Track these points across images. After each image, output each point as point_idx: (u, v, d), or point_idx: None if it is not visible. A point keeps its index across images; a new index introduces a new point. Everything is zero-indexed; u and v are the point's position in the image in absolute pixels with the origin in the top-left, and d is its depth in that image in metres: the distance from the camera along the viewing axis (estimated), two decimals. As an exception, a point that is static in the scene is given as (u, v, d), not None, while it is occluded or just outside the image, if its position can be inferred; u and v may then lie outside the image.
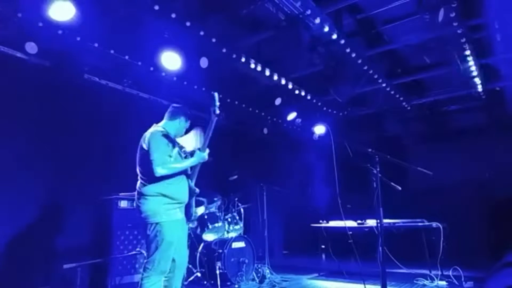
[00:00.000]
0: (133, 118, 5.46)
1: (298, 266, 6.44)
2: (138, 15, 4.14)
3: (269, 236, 5.76)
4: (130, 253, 4.13)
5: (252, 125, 7.44)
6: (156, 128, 3.15)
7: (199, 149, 3.13)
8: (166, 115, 3.32)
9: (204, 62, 4.93)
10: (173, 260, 2.99)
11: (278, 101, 6.33)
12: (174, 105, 3.39)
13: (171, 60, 4.74)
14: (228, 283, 4.78)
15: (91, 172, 4.81)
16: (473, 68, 5.38)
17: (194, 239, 5.26)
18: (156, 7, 3.93)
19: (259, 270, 5.20)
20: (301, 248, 7.92)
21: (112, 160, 5.08)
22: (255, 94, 6.59)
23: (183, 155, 3.22)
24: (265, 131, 7.46)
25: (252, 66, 5.36)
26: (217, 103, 3.16)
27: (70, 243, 4.35)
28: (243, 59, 5.16)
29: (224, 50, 4.86)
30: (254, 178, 5.93)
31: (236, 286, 4.78)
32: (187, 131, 3.44)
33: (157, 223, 2.89)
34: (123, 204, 4.22)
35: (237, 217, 5.40)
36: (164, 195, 2.95)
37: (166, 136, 3.08)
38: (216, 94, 3.17)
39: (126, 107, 5.55)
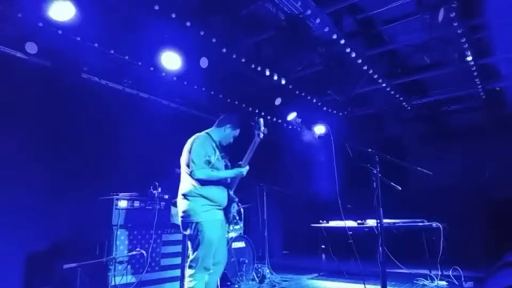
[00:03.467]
0: (133, 118, 5.47)
1: (298, 266, 6.44)
2: (138, 15, 4.14)
3: (269, 236, 5.76)
4: (130, 253, 4.13)
5: (251, 125, 7.44)
6: (202, 133, 3.35)
7: (239, 164, 3.29)
8: (216, 123, 3.49)
9: (204, 62, 4.93)
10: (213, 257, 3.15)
11: (278, 101, 6.33)
12: (226, 115, 3.56)
13: (171, 60, 4.74)
14: (228, 283, 4.78)
15: (91, 172, 4.81)
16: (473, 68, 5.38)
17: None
18: (156, 7, 3.93)
19: (259, 270, 5.20)
20: (301, 248, 7.92)
21: (112, 160, 5.08)
22: (255, 94, 6.59)
23: (223, 163, 3.36)
24: (265, 131, 7.45)
25: (252, 66, 5.35)
26: (262, 128, 3.36)
27: (70, 243, 4.35)
28: (243, 59, 5.16)
29: (224, 50, 4.85)
30: (254, 178, 5.93)
31: (236, 286, 4.78)
32: (236, 139, 3.54)
33: (197, 222, 3.04)
34: (123, 204, 4.22)
35: (237, 217, 5.39)
36: (204, 197, 3.09)
37: (209, 141, 3.27)
38: (261, 120, 3.38)
39: (126, 107, 5.54)
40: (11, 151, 4.28)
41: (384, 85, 6.10)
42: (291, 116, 6.88)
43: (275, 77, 5.78)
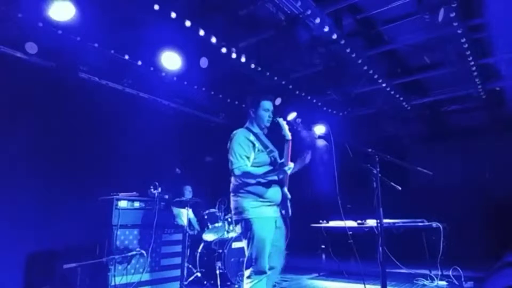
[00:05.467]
0: (133, 118, 5.48)
1: (298, 266, 6.43)
2: (138, 15, 4.14)
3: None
4: (130, 253, 4.13)
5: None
6: (240, 128, 3.13)
7: (282, 163, 2.98)
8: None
9: (204, 62, 4.93)
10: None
11: (278, 101, 6.34)
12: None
13: (171, 60, 4.75)
14: (228, 283, 4.78)
15: (91, 172, 4.81)
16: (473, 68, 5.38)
17: (194, 239, 5.27)
18: (156, 7, 3.93)
19: (259, 270, 5.18)
20: (301, 248, 7.90)
21: (112, 160, 5.08)
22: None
23: (268, 157, 3.06)
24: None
25: (252, 66, 5.35)
26: (285, 127, 3.07)
27: (70, 243, 4.35)
28: (243, 59, 5.16)
29: (224, 50, 4.86)
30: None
31: (236, 286, 4.78)
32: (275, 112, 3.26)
33: (246, 220, 2.87)
34: (123, 204, 4.22)
35: (237, 217, 5.38)
36: (253, 193, 2.90)
37: (245, 135, 3.02)
38: (281, 120, 3.11)
39: (126, 107, 5.55)
40: (11, 151, 4.28)
41: (384, 85, 6.10)
42: (291, 116, 6.88)
43: (275, 77, 5.78)
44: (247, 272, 2.88)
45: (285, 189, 3.07)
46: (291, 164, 2.91)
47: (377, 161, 3.42)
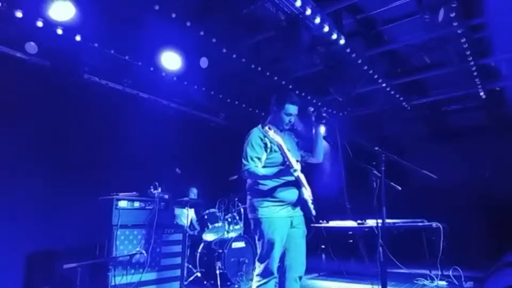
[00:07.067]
0: (133, 118, 5.48)
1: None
2: (138, 15, 4.14)
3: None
4: (130, 253, 4.13)
5: (252, 125, 7.44)
6: (256, 127, 3.04)
7: (287, 164, 2.76)
8: None
9: (204, 62, 4.94)
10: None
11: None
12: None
13: (171, 60, 4.75)
14: (228, 283, 4.78)
15: (91, 172, 4.81)
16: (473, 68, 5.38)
17: (194, 239, 5.27)
18: (156, 7, 3.94)
19: (259, 270, 5.19)
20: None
21: (112, 160, 5.08)
22: (255, 94, 6.59)
23: (280, 156, 2.86)
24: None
25: (252, 66, 5.35)
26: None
27: (70, 243, 4.36)
28: (243, 59, 5.16)
29: (224, 50, 4.86)
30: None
31: (236, 286, 4.78)
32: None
33: (256, 219, 2.84)
34: (123, 204, 4.22)
35: (237, 217, 5.40)
36: (264, 193, 2.85)
37: (258, 134, 2.93)
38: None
39: (126, 107, 5.55)
40: (11, 151, 4.28)
41: (384, 85, 6.10)
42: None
43: (275, 77, 5.78)
44: (257, 269, 2.85)
45: (303, 189, 2.96)
46: (298, 166, 2.82)
47: (383, 160, 3.39)
